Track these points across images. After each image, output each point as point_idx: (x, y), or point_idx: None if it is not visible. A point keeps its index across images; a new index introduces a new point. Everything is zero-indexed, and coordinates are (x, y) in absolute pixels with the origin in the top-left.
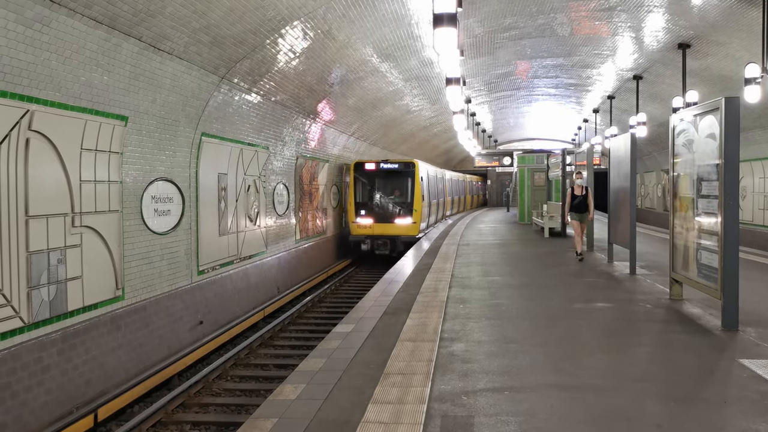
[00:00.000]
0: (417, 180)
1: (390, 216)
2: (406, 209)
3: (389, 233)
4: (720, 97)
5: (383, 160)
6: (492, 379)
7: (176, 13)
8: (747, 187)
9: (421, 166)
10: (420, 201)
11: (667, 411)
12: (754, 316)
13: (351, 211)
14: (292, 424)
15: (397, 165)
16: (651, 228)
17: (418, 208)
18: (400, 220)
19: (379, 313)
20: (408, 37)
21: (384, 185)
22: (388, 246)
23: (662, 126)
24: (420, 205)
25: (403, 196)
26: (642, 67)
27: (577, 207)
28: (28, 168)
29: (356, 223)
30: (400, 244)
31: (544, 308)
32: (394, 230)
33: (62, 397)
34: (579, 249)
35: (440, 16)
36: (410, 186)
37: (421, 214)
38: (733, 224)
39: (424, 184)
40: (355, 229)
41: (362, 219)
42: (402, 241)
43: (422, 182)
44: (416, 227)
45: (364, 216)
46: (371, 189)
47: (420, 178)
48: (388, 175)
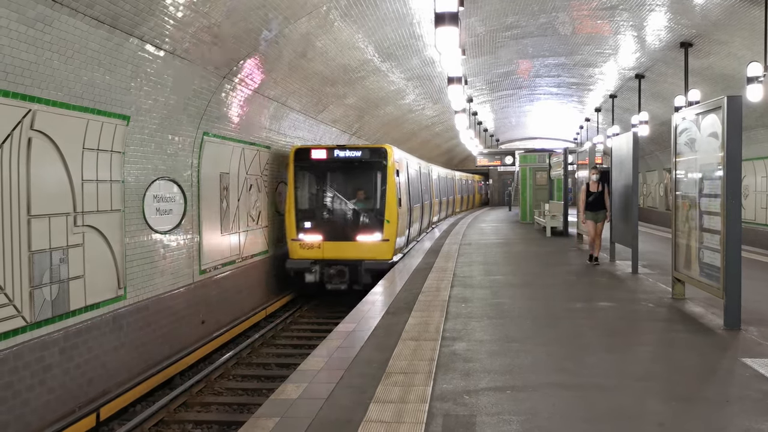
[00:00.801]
0: (389, 175)
1: (349, 230)
2: (374, 220)
3: (348, 257)
4: (722, 96)
5: (338, 145)
6: (494, 378)
7: None
8: (749, 186)
9: (396, 154)
10: (395, 207)
11: (669, 410)
12: (757, 315)
13: (290, 224)
14: (293, 424)
15: (360, 153)
16: (653, 227)
17: (393, 218)
18: (365, 237)
19: (381, 313)
20: (410, 36)
21: (340, 183)
22: (346, 277)
23: (664, 125)
24: (395, 213)
25: (369, 199)
26: (644, 66)
27: (593, 205)
28: (30, 167)
29: (298, 242)
30: (365, 273)
31: (546, 307)
32: (356, 252)
33: (64, 396)
34: (596, 253)
35: (442, 15)
36: (379, 184)
37: (397, 226)
38: (736, 223)
39: (400, 181)
40: (296, 250)
41: (307, 235)
42: (368, 269)
43: (398, 179)
44: (389, 246)
45: (310, 231)
46: (320, 189)
47: (395, 172)
48: (347, 168)
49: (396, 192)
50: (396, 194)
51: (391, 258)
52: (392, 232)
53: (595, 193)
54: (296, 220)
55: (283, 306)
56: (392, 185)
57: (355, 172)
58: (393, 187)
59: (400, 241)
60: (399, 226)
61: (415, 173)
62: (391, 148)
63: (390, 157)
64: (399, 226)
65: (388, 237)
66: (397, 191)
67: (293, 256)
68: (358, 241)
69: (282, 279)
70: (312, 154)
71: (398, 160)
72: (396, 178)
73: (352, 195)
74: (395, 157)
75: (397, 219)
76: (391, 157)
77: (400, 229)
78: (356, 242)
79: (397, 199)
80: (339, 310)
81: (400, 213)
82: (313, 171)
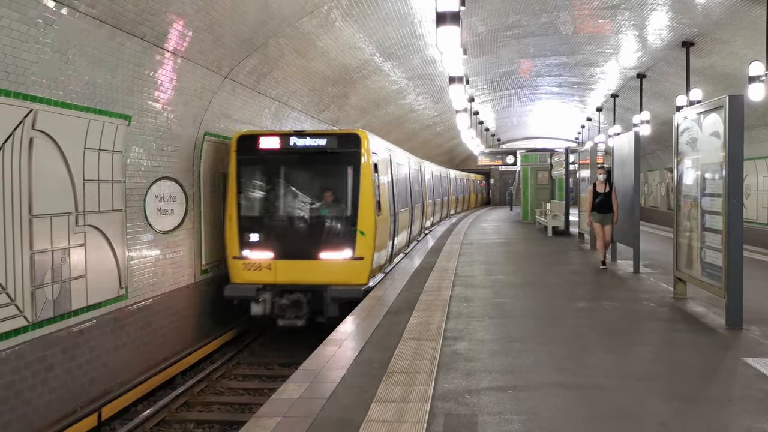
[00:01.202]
0: (365, 171)
1: (310, 246)
2: (344, 231)
3: (308, 281)
4: (724, 96)
5: (296, 132)
6: (495, 378)
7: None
8: (751, 185)
9: (374, 144)
10: (371, 213)
11: (671, 410)
12: (759, 315)
13: (231, 237)
14: (295, 423)
15: (324, 141)
16: (655, 226)
17: (369, 228)
18: (332, 254)
19: (382, 312)
20: (411, 35)
21: (299, 182)
22: (304, 309)
23: (666, 124)
24: (372, 222)
25: (337, 204)
26: (646, 65)
27: (600, 206)
28: (31, 167)
29: (241, 261)
30: (332, 303)
31: (548, 307)
32: (319, 274)
33: (66, 395)
34: (602, 257)
35: (443, 14)
36: (351, 183)
37: (374, 238)
38: (737, 222)
39: (381, 180)
40: (239, 272)
41: (253, 252)
42: (335, 297)
43: (377, 177)
44: (363, 267)
45: (258, 246)
46: (272, 190)
47: (372, 167)
48: (308, 161)
49: (373, 193)
50: (373, 196)
51: (367, 282)
52: (368, 247)
53: (602, 194)
54: (239, 231)
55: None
56: (368, 185)
57: (318, 167)
58: (369, 186)
59: (379, 257)
60: (378, 239)
61: (401, 170)
62: (366, 135)
63: (365, 148)
64: (378, 239)
65: (362, 254)
66: (374, 192)
67: (235, 280)
68: (322, 260)
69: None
70: (260, 143)
71: (377, 152)
72: (374, 176)
73: (315, 198)
74: (373, 147)
75: (374, 230)
76: (367, 147)
77: (380, 242)
78: (320, 261)
79: (375, 203)
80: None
81: (380, 222)
82: (263, 165)
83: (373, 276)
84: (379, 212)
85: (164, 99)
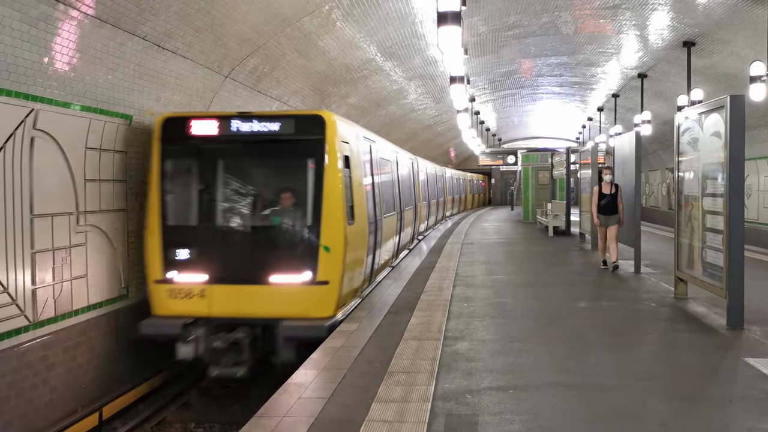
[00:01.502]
0: (331, 165)
1: (256, 266)
2: (302, 246)
3: (253, 313)
4: (725, 96)
5: (241, 113)
6: (496, 378)
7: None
8: (752, 185)
9: (342, 129)
10: (340, 222)
11: (671, 410)
12: (760, 315)
13: (152, 252)
14: (296, 423)
15: (278, 125)
16: (656, 226)
17: (336, 241)
18: (285, 276)
19: (383, 312)
20: (412, 35)
21: (242, 181)
22: (245, 354)
23: (667, 124)
24: (340, 234)
25: (294, 209)
26: (647, 65)
27: (605, 208)
28: (33, 167)
29: (166, 285)
30: (285, 344)
31: (549, 307)
32: (268, 304)
33: (67, 395)
34: (614, 258)
35: (444, 14)
36: (312, 181)
37: (344, 255)
38: (738, 222)
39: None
40: (163, 300)
41: (182, 274)
42: (290, 336)
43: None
44: (329, 294)
45: (187, 265)
46: (206, 191)
47: (340, 160)
48: (254, 153)
49: (343, 195)
50: (343, 199)
51: (333, 314)
52: (335, 267)
53: (607, 196)
54: (163, 246)
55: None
56: (335, 183)
57: (270, 161)
58: (337, 186)
59: (352, 279)
60: (350, 255)
61: (387, 166)
62: (333, 119)
63: (331, 134)
64: (350, 255)
65: (327, 277)
66: (344, 194)
67: (157, 311)
68: (272, 285)
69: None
70: (192, 128)
71: (349, 141)
72: (343, 172)
73: (265, 201)
74: (342, 134)
75: (344, 244)
76: (334, 133)
77: (353, 259)
78: (270, 287)
79: (345, 208)
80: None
81: (353, 232)
82: (196, 158)
83: (344, 305)
84: (352, 220)
85: (164, 98)
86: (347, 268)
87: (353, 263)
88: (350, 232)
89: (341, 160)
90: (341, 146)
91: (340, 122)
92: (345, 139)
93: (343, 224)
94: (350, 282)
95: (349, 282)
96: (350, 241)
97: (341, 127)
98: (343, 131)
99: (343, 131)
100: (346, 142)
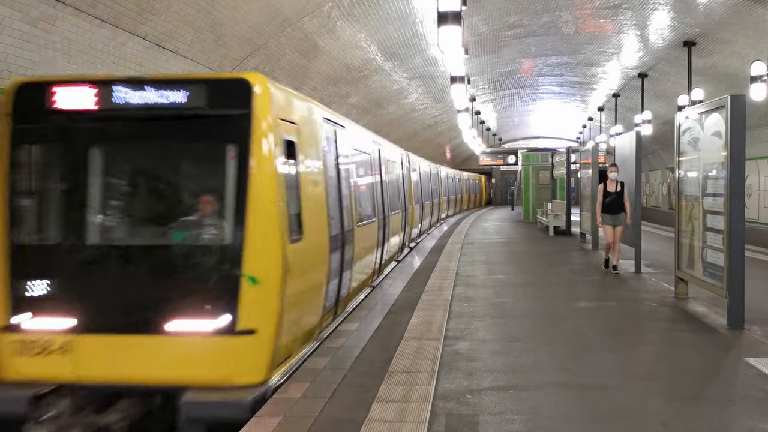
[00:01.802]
0: (262, 154)
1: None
2: (215, 273)
3: (141, 378)
4: (725, 95)
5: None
6: (497, 378)
7: None
8: (753, 185)
9: (280, 102)
10: (277, 236)
11: (672, 410)
12: (760, 315)
13: None
14: (296, 423)
15: (184, 93)
16: (656, 226)
17: (269, 268)
18: (189, 322)
19: (384, 312)
20: (412, 35)
21: (131, 176)
22: None
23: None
24: (275, 256)
25: (205, 220)
26: (647, 65)
27: (610, 207)
28: None
29: (12, 335)
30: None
31: (549, 307)
32: (164, 364)
33: None
34: (615, 259)
35: (445, 14)
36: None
37: (281, 288)
38: (739, 222)
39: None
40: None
41: (35, 318)
42: (195, 416)
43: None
44: (258, 348)
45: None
46: (74, 193)
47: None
48: (148, 136)
49: (278, 199)
50: (279, 205)
51: (265, 379)
52: (266, 307)
53: (612, 194)
54: (8, 275)
55: None
56: (267, 182)
57: (168, 148)
58: (269, 186)
59: (299, 322)
60: (294, 288)
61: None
62: (267, 85)
63: (263, 108)
64: (294, 288)
65: (253, 322)
66: (283, 198)
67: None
68: (170, 336)
69: None
70: (57, 99)
71: (294, 120)
72: (284, 165)
73: (164, 208)
74: (282, 109)
75: (281, 272)
76: (267, 106)
77: (300, 291)
78: (166, 338)
79: (283, 219)
80: None
81: (299, 254)
82: (61, 143)
83: (287, 358)
84: (299, 235)
85: None
86: (289, 306)
87: (301, 297)
88: (294, 253)
89: (280, 147)
90: (281, 127)
91: (280, 93)
92: (288, 117)
93: (279, 242)
94: (296, 325)
95: (294, 325)
96: (294, 267)
97: (281, 100)
98: (286, 106)
99: (284, 105)
100: (290, 122)
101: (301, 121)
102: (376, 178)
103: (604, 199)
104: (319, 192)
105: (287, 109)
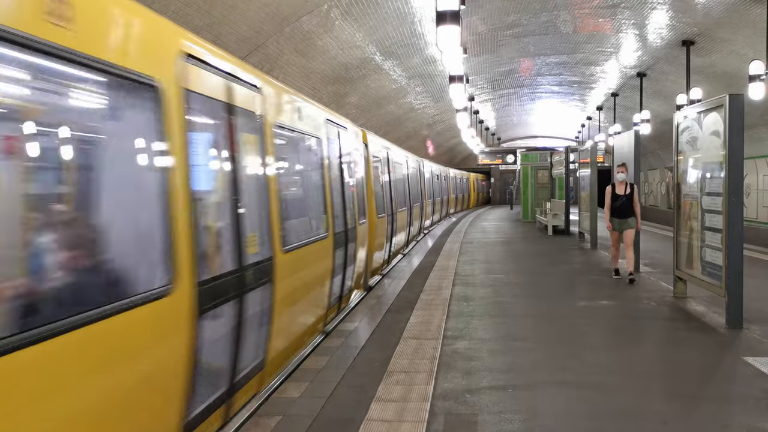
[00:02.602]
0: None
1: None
2: None
3: None
4: (724, 95)
5: None
6: (495, 377)
7: None
8: (751, 184)
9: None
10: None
11: (671, 408)
12: (759, 314)
13: None
14: (295, 422)
15: None
16: (655, 225)
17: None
18: None
19: (383, 311)
20: (411, 34)
21: None
22: None
23: (666, 123)
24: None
25: None
26: (646, 64)
27: (620, 210)
28: None
29: None
30: None
31: (548, 306)
32: None
33: None
34: (630, 267)
35: (443, 13)
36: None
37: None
38: (738, 222)
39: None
40: None
41: None
42: None
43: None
44: None
45: None
46: None
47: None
48: None
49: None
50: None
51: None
52: None
53: (621, 197)
54: None
55: None
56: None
57: None
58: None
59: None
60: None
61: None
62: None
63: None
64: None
65: None
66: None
67: None
68: None
69: None
70: None
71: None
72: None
73: None
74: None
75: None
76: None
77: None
78: None
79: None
80: None
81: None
82: None
83: None
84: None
85: None
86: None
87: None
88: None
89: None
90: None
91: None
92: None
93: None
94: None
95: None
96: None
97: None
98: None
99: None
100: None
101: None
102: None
103: (613, 203)
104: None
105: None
